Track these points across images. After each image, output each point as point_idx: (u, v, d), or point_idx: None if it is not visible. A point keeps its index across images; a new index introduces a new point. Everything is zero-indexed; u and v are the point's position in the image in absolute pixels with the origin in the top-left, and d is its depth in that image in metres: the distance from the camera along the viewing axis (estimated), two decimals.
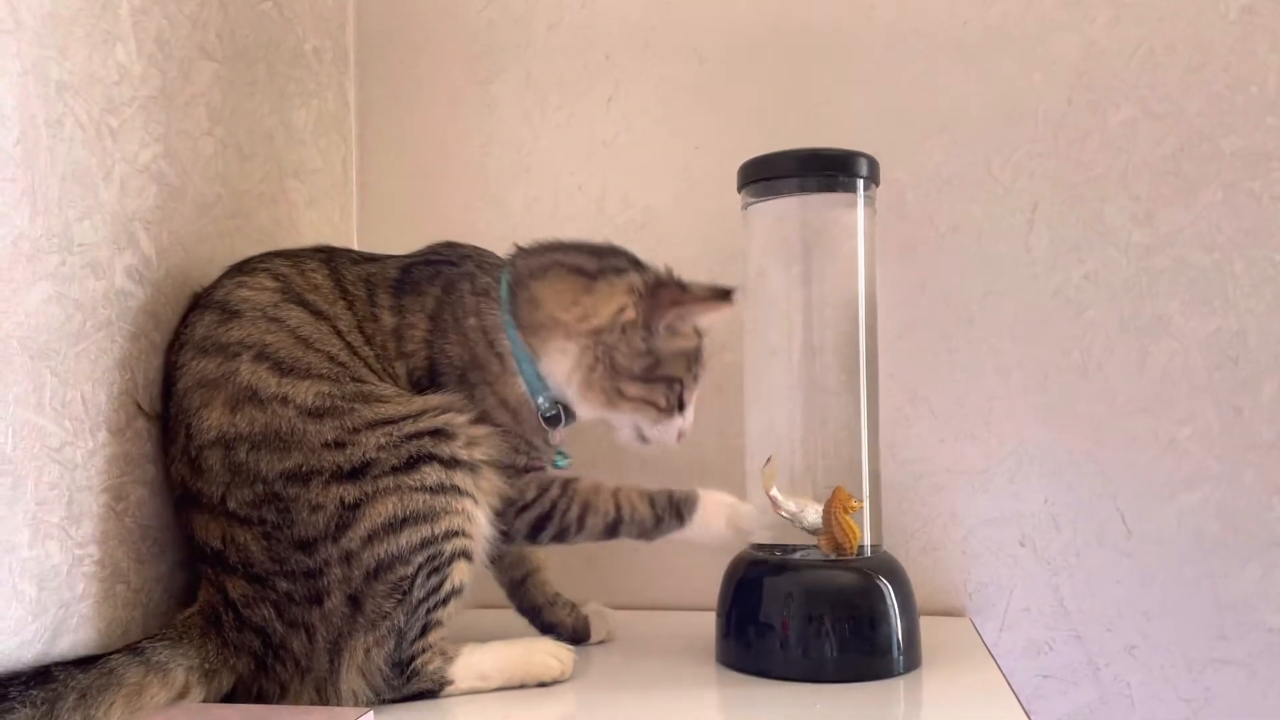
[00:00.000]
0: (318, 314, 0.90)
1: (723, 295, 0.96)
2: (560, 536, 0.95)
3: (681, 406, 0.99)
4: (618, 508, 0.96)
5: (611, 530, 0.96)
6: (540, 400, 0.95)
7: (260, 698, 0.83)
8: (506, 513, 0.94)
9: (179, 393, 0.86)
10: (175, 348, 0.89)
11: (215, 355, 0.85)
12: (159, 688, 0.77)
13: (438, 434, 0.87)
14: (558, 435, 0.98)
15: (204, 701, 0.81)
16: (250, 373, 0.84)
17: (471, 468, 0.89)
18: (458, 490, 0.86)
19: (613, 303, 0.95)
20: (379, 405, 0.86)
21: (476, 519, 0.88)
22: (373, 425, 0.85)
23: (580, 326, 0.95)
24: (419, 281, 0.96)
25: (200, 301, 0.91)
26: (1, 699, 0.66)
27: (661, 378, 0.97)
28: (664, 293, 0.95)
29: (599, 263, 0.98)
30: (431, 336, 0.94)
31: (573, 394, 0.96)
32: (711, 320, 1.00)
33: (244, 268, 0.93)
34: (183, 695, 0.79)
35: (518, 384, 0.95)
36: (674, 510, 0.97)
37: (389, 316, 0.94)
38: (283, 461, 0.82)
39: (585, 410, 0.97)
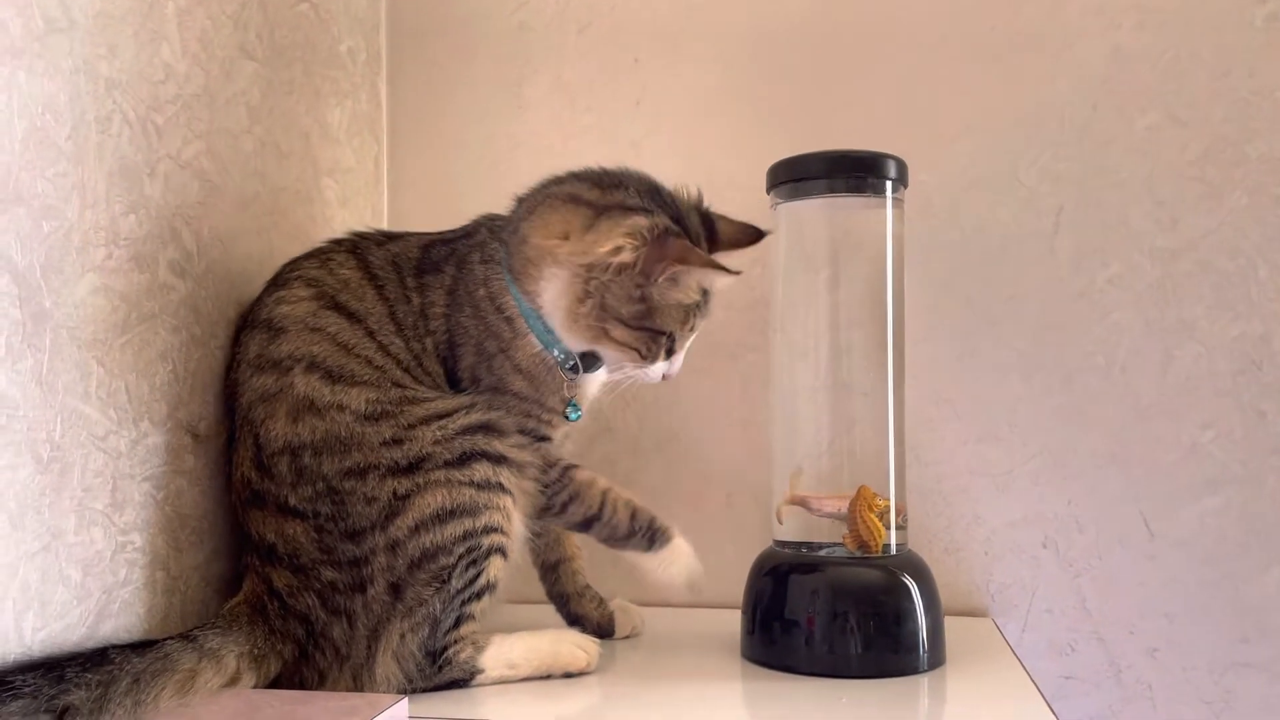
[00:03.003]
0: (351, 315, 0.93)
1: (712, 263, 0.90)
2: (543, 513, 0.97)
3: (670, 354, 0.96)
4: (601, 506, 0.97)
5: (587, 524, 0.97)
6: (555, 352, 0.95)
7: (300, 687, 0.85)
8: None
9: (243, 407, 0.90)
10: (233, 367, 0.93)
11: (270, 371, 0.89)
12: (212, 673, 0.79)
13: (489, 430, 0.90)
14: (579, 389, 0.98)
15: (254, 685, 0.83)
16: (304, 384, 0.88)
17: (519, 467, 0.92)
18: (501, 488, 0.90)
19: (610, 241, 0.89)
20: (426, 404, 0.89)
21: (514, 518, 0.92)
22: (426, 421, 0.88)
23: (572, 258, 0.91)
24: (438, 261, 0.98)
25: (248, 321, 0.94)
26: (59, 679, 0.68)
27: (651, 328, 0.92)
28: (671, 245, 0.89)
29: (604, 195, 0.93)
30: (449, 311, 0.96)
31: (557, 321, 0.93)
32: (720, 286, 0.96)
33: (279, 281, 0.96)
34: (234, 680, 0.81)
35: (531, 343, 0.95)
36: (648, 534, 0.97)
37: (416, 297, 0.96)
38: (343, 461, 0.86)
39: (569, 341, 0.95)
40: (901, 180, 1.01)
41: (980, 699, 0.90)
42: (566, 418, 0.98)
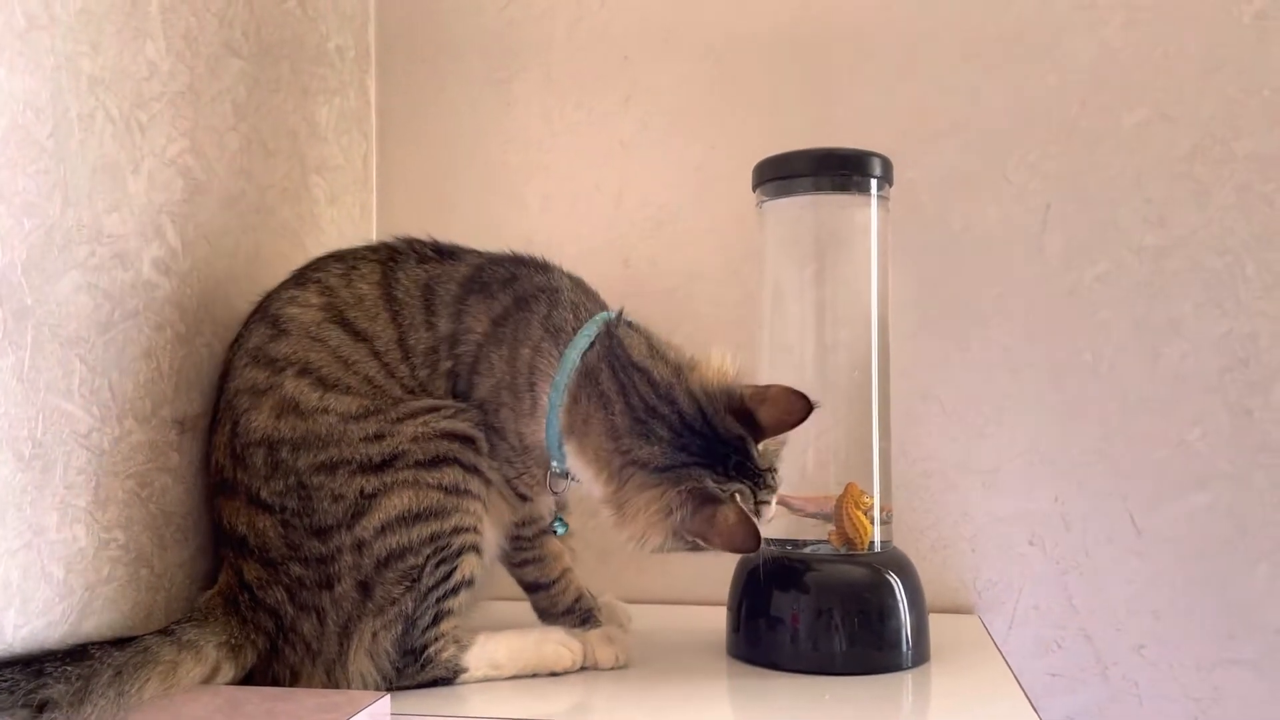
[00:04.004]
0: (356, 334, 0.91)
1: (752, 544, 0.85)
2: (498, 561, 0.99)
3: None
4: (555, 581, 1.01)
5: (534, 588, 1.01)
6: (555, 464, 0.92)
7: (274, 681, 0.86)
8: None
9: (230, 391, 0.90)
10: (233, 348, 0.93)
11: (264, 367, 0.89)
12: (193, 664, 0.79)
13: (467, 440, 0.89)
14: (560, 487, 0.95)
15: (233, 676, 0.83)
16: (294, 387, 0.88)
17: (489, 481, 0.91)
18: (470, 494, 0.89)
19: (635, 527, 0.87)
20: (417, 403, 0.89)
21: (485, 521, 0.91)
22: (414, 414, 0.88)
23: (606, 506, 0.89)
24: (489, 284, 0.94)
25: (260, 308, 0.94)
26: (37, 674, 0.68)
27: (699, 548, 0.89)
28: (697, 518, 0.85)
29: (633, 441, 0.87)
30: (485, 340, 0.92)
31: (595, 497, 0.91)
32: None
33: (301, 276, 0.95)
34: (215, 670, 0.82)
35: (539, 432, 0.91)
36: (582, 616, 1.01)
37: (447, 323, 0.92)
38: (317, 456, 0.86)
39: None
40: (887, 178, 1.02)
41: (963, 696, 0.90)
42: (554, 531, 0.99)
